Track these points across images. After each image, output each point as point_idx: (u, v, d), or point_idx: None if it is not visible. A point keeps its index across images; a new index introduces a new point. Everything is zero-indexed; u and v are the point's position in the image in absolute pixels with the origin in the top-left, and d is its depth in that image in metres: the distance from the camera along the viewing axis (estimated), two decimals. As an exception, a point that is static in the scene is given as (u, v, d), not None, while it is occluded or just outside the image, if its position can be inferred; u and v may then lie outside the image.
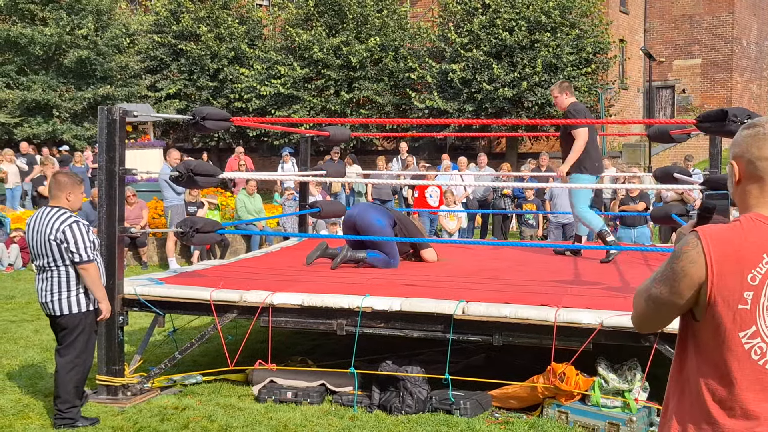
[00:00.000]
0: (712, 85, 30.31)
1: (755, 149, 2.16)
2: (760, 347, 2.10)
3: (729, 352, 2.11)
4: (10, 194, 16.70)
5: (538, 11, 21.51)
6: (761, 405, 2.10)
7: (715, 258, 2.09)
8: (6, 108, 23.95)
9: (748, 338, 2.10)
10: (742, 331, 2.10)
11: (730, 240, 2.11)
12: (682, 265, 2.13)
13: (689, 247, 2.13)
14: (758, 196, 2.18)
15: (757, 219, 2.14)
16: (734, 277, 2.09)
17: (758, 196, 2.18)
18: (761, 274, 2.09)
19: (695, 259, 2.11)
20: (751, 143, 2.17)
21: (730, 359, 2.11)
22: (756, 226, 2.13)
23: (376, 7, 24.23)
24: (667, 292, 2.16)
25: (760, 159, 2.15)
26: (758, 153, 2.15)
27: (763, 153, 2.15)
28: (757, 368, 2.10)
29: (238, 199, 13.54)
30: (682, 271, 2.13)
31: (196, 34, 25.71)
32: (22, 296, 10.33)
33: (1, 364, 7.05)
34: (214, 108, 6.65)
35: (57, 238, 5.18)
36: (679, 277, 2.13)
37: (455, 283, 6.52)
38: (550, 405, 5.50)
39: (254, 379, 6.15)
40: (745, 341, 2.10)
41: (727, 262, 2.09)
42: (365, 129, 21.92)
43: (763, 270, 2.09)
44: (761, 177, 2.16)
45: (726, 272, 2.09)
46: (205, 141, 27.15)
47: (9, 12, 24.65)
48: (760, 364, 2.10)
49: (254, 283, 6.28)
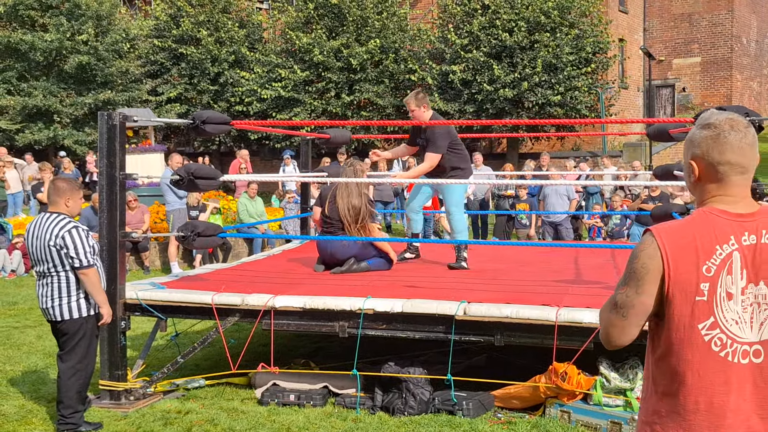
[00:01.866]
0: (712, 84, 30.30)
1: (716, 153, 2.18)
2: (720, 338, 2.12)
3: (690, 345, 2.13)
4: (12, 200, 16.70)
5: (538, 12, 21.52)
6: (724, 397, 2.11)
7: (670, 252, 2.12)
8: (7, 114, 23.99)
9: (708, 330, 2.12)
10: (701, 323, 2.12)
11: (683, 233, 2.14)
12: (642, 263, 2.16)
13: (645, 245, 2.17)
14: (716, 193, 2.21)
15: (710, 212, 2.18)
16: (689, 269, 2.11)
17: (716, 193, 2.21)
18: (716, 265, 2.12)
19: (652, 254, 2.14)
20: (711, 146, 2.18)
21: (691, 353, 2.13)
22: (709, 219, 2.16)
23: (376, 10, 24.25)
24: (633, 293, 2.19)
25: (722, 163, 2.17)
26: (719, 157, 2.17)
27: (725, 157, 2.17)
28: (719, 360, 2.12)
29: (240, 202, 13.55)
30: (643, 268, 2.16)
31: (197, 38, 25.74)
32: (25, 302, 10.35)
33: (5, 370, 7.06)
34: (215, 112, 6.65)
35: (56, 243, 5.19)
36: (641, 275, 2.16)
37: (456, 283, 6.53)
38: (553, 405, 5.50)
39: (257, 383, 6.15)
40: (705, 333, 2.12)
41: (681, 254, 2.12)
42: (366, 131, 21.94)
43: (718, 261, 2.12)
44: (721, 179, 2.19)
45: (681, 265, 2.12)
46: (206, 145, 27.18)
47: (9, 18, 24.72)
48: (722, 355, 2.12)
49: (256, 287, 6.29)
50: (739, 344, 2.12)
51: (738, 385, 2.11)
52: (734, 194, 2.18)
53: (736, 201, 2.18)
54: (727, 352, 2.12)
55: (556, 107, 21.73)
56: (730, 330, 2.12)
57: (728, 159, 2.16)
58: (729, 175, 2.17)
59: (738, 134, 2.17)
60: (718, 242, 2.12)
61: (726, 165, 2.17)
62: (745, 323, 2.12)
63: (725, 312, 2.12)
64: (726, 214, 2.16)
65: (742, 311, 2.12)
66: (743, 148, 2.16)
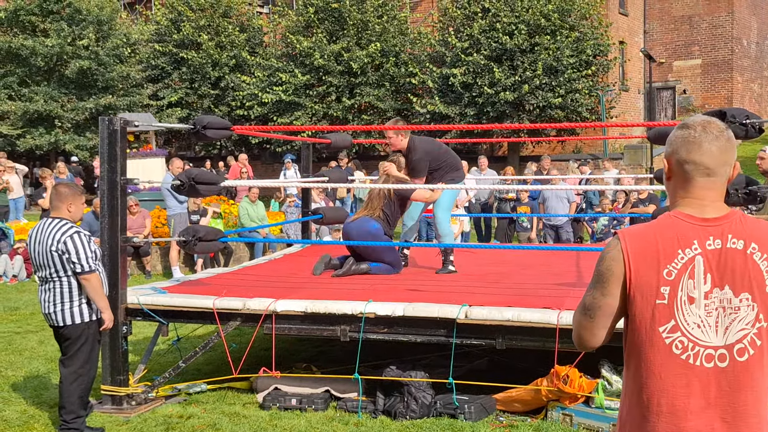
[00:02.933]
0: (713, 86, 30.29)
1: (684, 151, 2.20)
2: (681, 341, 2.13)
3: (652, 347, 2.15)
4: (14, 205, 16.70)
5: (538, 14, 21.53)
6: (686, 399, 2.12)
7: (632, 255, 2.15)
8: (8, 119, 24.02)
9: (668, 333, 2.13)
10: (662, 326, 2.13)
11: (645, 237, 2.17)
12: (607, 265, 2.20)
13: (611, 248, 2.21)
14: (683, 195, 2.23)
15: (675, 216, 2.19)
16: (650, 273, 2.14)
17: (683, 195, 2.23)
18: (677, 269, 2.13)
19: (616, 257, 2.18)
20: (681, 145, 2.21)
21: (653, 355, 2.14)
22: (673, 223, 2.18)
23: (376, 13, 24.27)
24: (599, 295, 2.22)
25: (688, 162, 2.20)
26: (686, 156, 2.20)
27: (691, 156, 2.19)
28: (679, 362, 2.13)
29: (241, 206, 13.56)
30: (608, 270, 2.19)
31: (197, 42, 25.78)
32: (27, 307, 10.35)
33: (6, 375, 7.07)
34: (215, 117, 6.66)
35: (58, 249, 5.19)
36: (605, 277, 2.20)
37: (458, 287, 6.53)
38: (554, 408, 5.50)
39: (259, 387, 6.15)
40: (666, 336, 2.13)
41: (643, 257, 2.15)
42: (367, 135, 21.95)
43: (679, 265, 2.13)
44: (687, 178, 2.21)
45: (642, 268, 2.14)
46: (207, 149, 27.20)
47: (10, 24, 24.77)
48: (683, 358, 2.13)
49: (257, 291, 6.29)
50: (702, 347, 2.13)
51: (701, 388, 2.12)
52: (700, 197, 2.20)
53: (703, 204, 2.19)
54: (688, 354, 2.13)
55: (556, 110, 21.73)
56: (692, 333, 2.13)
57: (693, 158, 2.19)
58: (694, 175, 2.19)
59: (708, 136, 2.19)
60: (681, 246, 2.14)
61: (691, 164, 2.19)
62: (709, 327, 2.13)
63: (686, 315, 2.13)
64: (691, 219, 2.17)
65: (705, 315, 2.13)
66: (711, 150, 2.18)
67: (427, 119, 22.57)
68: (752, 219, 2.21)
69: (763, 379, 2.16)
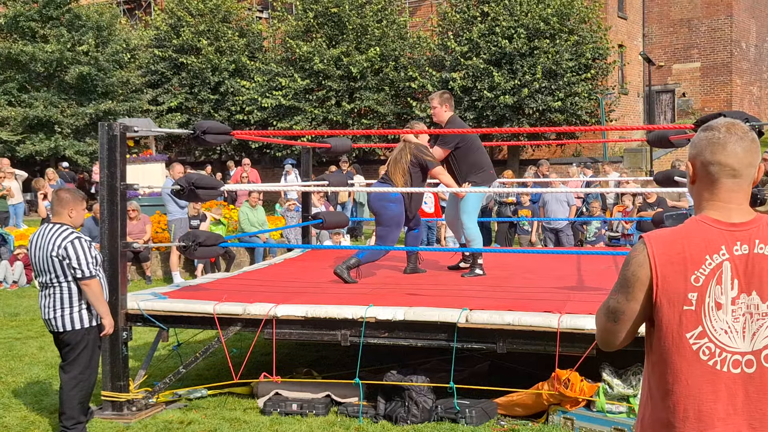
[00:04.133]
0: (712, 89, 30.29)
1: (708, 153, 2.19)
2: (708, 347, 2.12)
3: (678, 353, 2.13)
4: (13, 211, 16.70)
5: (537, 18, 21.56)
6: (713, 405, 2.11)
7: (659, 261, 2.13)
8: (8, 125, 24.03)
9: (695, 339, 2.12)
10: (689, 332, 2.12)
11: (673, 242, 2.15)
12: (632, 270, 2.18)
13: (636, 252, 2.19)
14: (709, 198, 2.21)
15: (703, 221, 2.18)
16: (677, 279, 2.12)
17: (709, 198, 2.21)
18: (705, 275, 2.12)
19: (642, 262, 2.16)
20: (705, 146, 2.20)
21: (679, 361, 2.13)
22: (700, 228, 2.16)
23: (376, 18, 24.30)
24: (624, 299, 2.21)
25: (713, 163, 2.18)
26: (711, 157, 2.19)
27: (716, 157, 2.18)
28: (707, 369, 2.12)
29: (241, 211, 13.56)
30: (633, 275, 2.17)
31: (197, 47, 25.81)
32: (27, 313, 10.34)
33: (7, 381, 7.06)
34: (215, 122, 6.66)
35: (59, 254, 5.18)
36: (631, 282, 2.18)
37: (458, 291, 6.53)
38: (556, 412, 5.49)
39: (259, 392, 6.14)
40: (693, 342, 2.12)
41: (670, 264, 2.13)
42: (367, 139, 21.95)
43: (707, 271, 2.12)
44: (713, 180, 2.19)
45: (669, 274, 2.13)
46: (207, 154, 27.22)
47: (10, 30, 24.79)
48: (710, 364, 2.12)
49: (257, 296, 6.28)
50: (729, 353, 2.12)
51: (728, 394, 2.11)
52: (726, 200, 2.18)
53: (729, 208, 2.18)
54: (715, 361, 2.12)
55: (556, 113, 21.76)
56: (719, 339, 2.12)
57: (719, 159, 2.17)
58: (720, 177, 2.18)
59: (733, 137, 2.18)
60: (708, 252, 2.12)
61: (716, 165, 2.18)
62: (736, 333, 2.12)
63: (714, 321, 2.12)
64: (718, 224, 2.16)
65: (732, 321, 2.12)
66: (736, 150, 2.17)
67: (426, 123, 22.56)
68: None
69: None
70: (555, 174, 16.86)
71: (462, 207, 7.33)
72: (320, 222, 9.18)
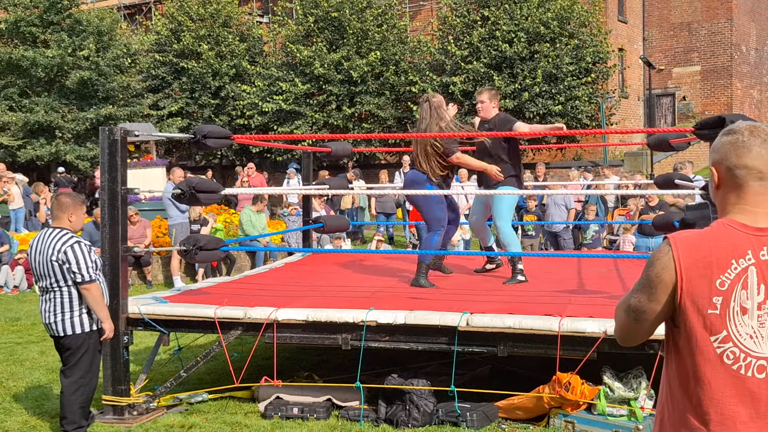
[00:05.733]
0: (713, 92, 30.30)
1: (734, 157, 2.18)
2: (733, 352, 2.11)
3: (702, 356, 2.12)
4: (14, 216, 16.71)
5: (537, 22, 21.58)
6: (735, 409, 2.10)
7: (684, 264, 2.12)
8: (9, 131, 24.05)
9: (719, 343, 2.11)
10: (713, 336, 2.11)
11: (699, 246, 2.13)
12: (656, 272, 2.16)
13: (661, 254, 2.17)
14: (735, 203, 2.19)
15: (729, 225, 2.16)
16: (703, 282, 2.11)
17: (735, 203, 2.19)
18: (730, 280, 2.10)
19: (667, 264, 2.14)
20: (730, 150, 2.19)
21: (703, 364, 2.12)
22: (727, 232, 2.15)
23: (376, 22, 24.33)
24: (645, 299, 2.19)
25: (739, 167, 2.17)
26: (737, 161, 2.17)
27: (742, 161, 2.16)
28: (730, 373, 2.11)
29: (244, 214, 13.54)
30: (657, 277, 2.16)
31: (197, 52, 25.83)
32: (28, 318, 10.34)
33: (8, 385, 7.06)
34: (216, 126, 6.67)
35: (59, 258, 5.18)
36: (654, 283, 2.16)
37: (459, 294, 6.52)
38: (557, 415, 5.49)
39: (260, 396, 6.15)
40: (717, 346, 2.11)
41: (696, 267, 2.11)
42: (368, 143, 21.96)
43: (732, 275, 2.10)
44: (739, 184, 2.18)
45: (695, 277, 2.11)
46: (208, 159, 27.23)
47: (11, 35, 24.82)
48: (734, 368, 2.11)
49: (258, 300, 6.29)
50: (754, 358, 2.11)
51: (752, 399, 2.10)
52: (753, 203, 2.16)
53: (756, 212, 2.16)
54: (740, 365, 2.10)
55: (556, 117, 21.75)
56: (744, 344, 2.10)
57: (745, 163, 2.16)
58: (747, 180, 2.16)
59: (757, 139, 2.16)
60: (734, 256, 2.11)
61: (743, 169, 2.16)
62: (761, 338, 2.11)
63: (739, 326, 2.10)
64: (745, 228, 2.14)
65: (758, 326, 2.11)
66: (762, 153, 2.15)
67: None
68: None
69: None
70: (557, 178, 16.87)
71: (496, 212, 7.16)
72: (321, 226, 9.19)
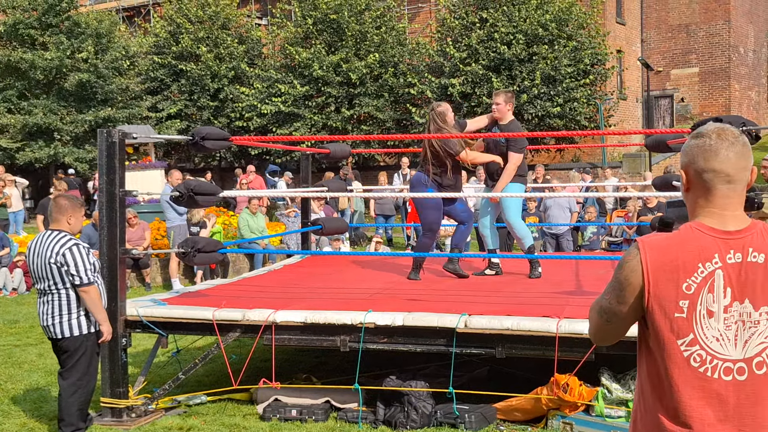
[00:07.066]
0: (711, 94, 30.33)
1: (701, 161, 2.19)
2: (699, 355, 2.12)
3: (669, 359, 2.14)
4: (13, 218, 16.71)
5: (536, 24, 21.60)
6: (703, 411, 2.12)
7: (652, 267, 2.14)
8: (8, 133, 24.06)
9: (686, 346, 2.13)
10: (680, 339, 2.13)
11: (666, 249, 2.15)
12: (625, 275, 2.19)
13: (630, 257, 2.20)
14: (704, 206, 2.21)
15: (697, 228, 2.18)
16: (669, 286, 2.13)
17: (704, 206, 2.21)
18: (696, 283, 2.12)
19: (635, 268, 2.17)
20: (697, 154, 2.20)
21: (671, 366, 2.14)
22: (694, 236, 2.16)
23: (375, 24, 24.35)
24: (615, 301, 2.23)
25: (706, 170, 2.18)
26: (704, 164, 2.19)
27: (710, 164, 2.18)
28: (698, 375, 2.12)
29: (241, 217, 13.55)
30: (625, 280, 2.19)
31: (196, 54, 25.84)
32: (26, 320, 10.34)
33: (6, 388, 7.06)
34: (214, 128, 6.67)
35: (57, 261, 5.18)
36: (623, 286, 2.20)
37: (457, 296, 6.53)
38: (555, 416, 5.49)
39: (259, 398, 6.14)
40: (684, 349, 2.13)
41: (662, 271, 2.14)
42: (367, 145, 21.96)
43: (699, 279, 2.12)
44: (708, 188, 2.19)
45: (661, 281, 2.14)
46: (207, 161, 27.23)
47: (9, 37, 24.84)
48: (701, 371, 2.12)
49: (257, 302, 6.29)
50: (720, 361, 2.12)
51: (719, 401, 2.12)
52: (722, 206, 2.18)
53: (724, 215, 2.18)
54: (706, 368, 2.12)
55: (555, 119, 21.78)
56: (711, 347, 2.12)
57: (713, 167, 2.17)
58: (715, 183, 2.18)
59: (724, 143, 2.18)
60: (701, 260, 2.13)
61: (711, 173, 2.18)
62: (728, 341, 2.13)
63: (705, 329, 2.12)
64: (713, 231, 2.16)
65: (724, 329, 2.12)
66: (729, 156, 2.17)
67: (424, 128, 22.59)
68: None
69: None
70: (556, 180, 16.87)
71: (505, 212, 7.53)
72: (320, 228, 9.20)
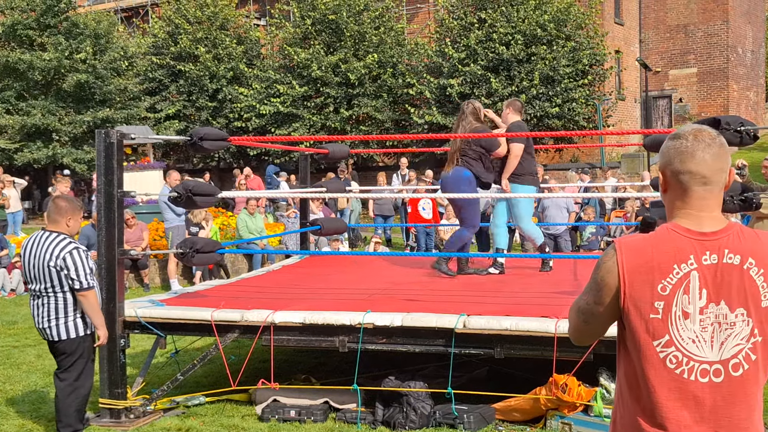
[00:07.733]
0: (709, 94, 30.35)
1: (678, 162, 2.19)
2: (675, 356, 2.12)
3: (645, 360, 2.15)
4: (12, 219, 16.70)
5: (534, 25, 21.62)
6: (680, 413, 2.12)
7: (627, 268, 2.15)
8: (6, 134, 24.05)
9: (662, 347, 2.13)
10: (656, 340, 2.13)
11: (642, 250, 2.16)
12: (601, 275, 2.20)
13: (607, 258, 2.20)
14: (681, 207, 2.21)
15: (673, 230, 2.18)
16: (645, 287, 2.13)
17: (681, 207, 2.21)
18: (672, 284, 2.12)
19: (611, 268, 2.17)
20: (674, 155, 2.20)
21: (647, 367, 2.14)
22: (670, 237, 2.16)
23: (374, 25, 24.36)
24: (592, 301, 2.24)
25: (683, 172, 2.18)
26: (681, 166, 2.18)
27: (686, 166, 2.17)
28: (674, 376, 2.12)
29: (240, 218, 13.55)
30: (602, 280, 2.19)
31: (195, 55, 25.84)
32: (24, 321, 10.32)
33: (4, 389, 7.05)
34: (212, 128, 6.68)
35: (57, 264, 5.15)
36: (599, 286, 2.20)
37: (456, 296, 6.53)
38: (554, 417, 5.49)
39: (257, 399, 6.14)
40: (660, 350, 2.13)
41: (638, 272, 2.14)
42: (365, 145, 21.97)
43: (674, 280, 2.12)
44: (684, 189, 2.19)
45: (637, 282, 2.14)
46: (205, 161, 27.23)
47: (8, 38, 24.84)
48: (677, 372, 2.12)
49: (255, 302, 6.28)
50: (696, 362, 2.12)
51: (695, 403, 2.12)
52: (698, 207, 2.18)
53: (701, 217, 2.18)
54: (682, 369, 2.12)
55: (554, 119, 21.80)
56: (687, 348, 2.12)
57: (689, 168, 2.17)
58: (691, 185, 2.18)
59: (700, 144, 2.17)
60: (677, 261, 2.13)
61: (687, 174, 2.17)
62: (704, 342, 2.12)
63: (681, 330, 2.12)
64: (689, 233, 2.16)
65: (700, 330, 2.12)
66: (705, 158, 2.16)
67: (425, 129, 22.63)
68: (751, 233, 2.18)
69: (758, 393, 2.16)
70: (554, 180, 16.88)
71: (516, 215, 7.74)
72: (318, 228, 9.19)
